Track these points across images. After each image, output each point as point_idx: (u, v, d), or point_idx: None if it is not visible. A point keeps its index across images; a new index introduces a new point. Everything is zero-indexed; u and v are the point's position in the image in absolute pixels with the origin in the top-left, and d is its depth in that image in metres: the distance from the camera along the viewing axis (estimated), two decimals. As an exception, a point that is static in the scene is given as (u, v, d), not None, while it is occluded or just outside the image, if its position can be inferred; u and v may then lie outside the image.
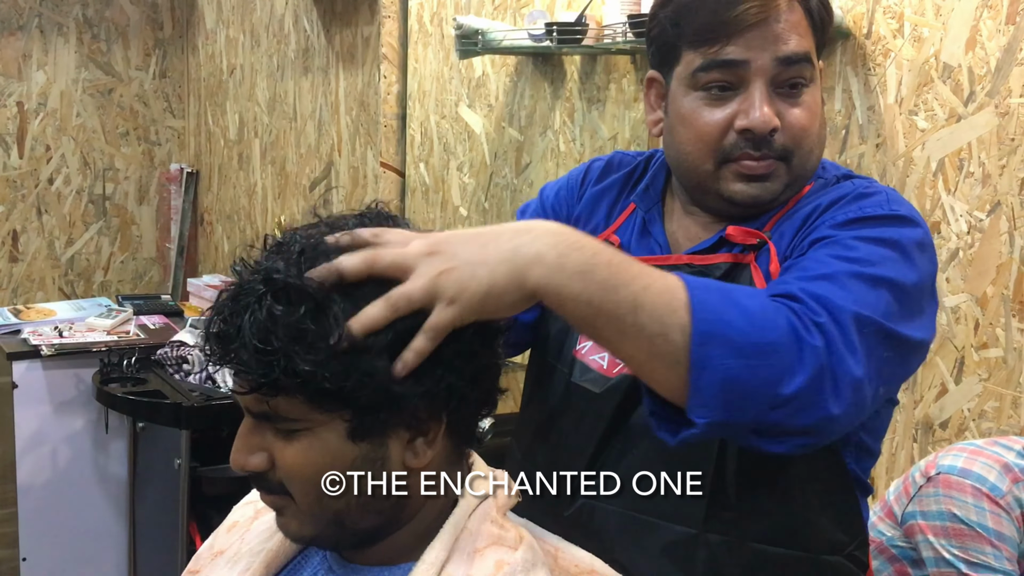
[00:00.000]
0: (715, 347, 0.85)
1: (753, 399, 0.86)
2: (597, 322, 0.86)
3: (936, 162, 1.74)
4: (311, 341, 0.81)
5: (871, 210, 1.03)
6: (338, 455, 0.86)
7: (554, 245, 0.84)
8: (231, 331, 0.83)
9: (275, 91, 3.56)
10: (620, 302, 0.84)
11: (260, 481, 0.90)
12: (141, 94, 4.37)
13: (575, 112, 2.50)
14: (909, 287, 0.98)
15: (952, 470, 1.46)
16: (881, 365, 0.93)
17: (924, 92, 1.76)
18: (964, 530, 1.43)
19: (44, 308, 3.23)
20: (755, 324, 0.86)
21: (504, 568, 0.89)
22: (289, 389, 0.83)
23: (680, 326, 0.85)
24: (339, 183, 3.14)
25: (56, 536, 2.88)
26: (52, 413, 2.85)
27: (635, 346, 0.86)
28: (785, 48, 1.05)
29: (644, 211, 1.20)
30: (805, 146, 1.08)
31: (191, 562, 1.10)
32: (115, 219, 4.37)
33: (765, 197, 1.09)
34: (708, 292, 0.88)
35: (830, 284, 0.94)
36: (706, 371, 0.85)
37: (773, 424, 0.88)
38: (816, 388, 0.87)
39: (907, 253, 1.00)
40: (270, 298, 0.82)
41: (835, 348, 0.89)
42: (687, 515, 1.07)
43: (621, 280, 0.85)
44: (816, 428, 0.89)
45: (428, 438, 0.89)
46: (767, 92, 1.06)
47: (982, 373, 1.70)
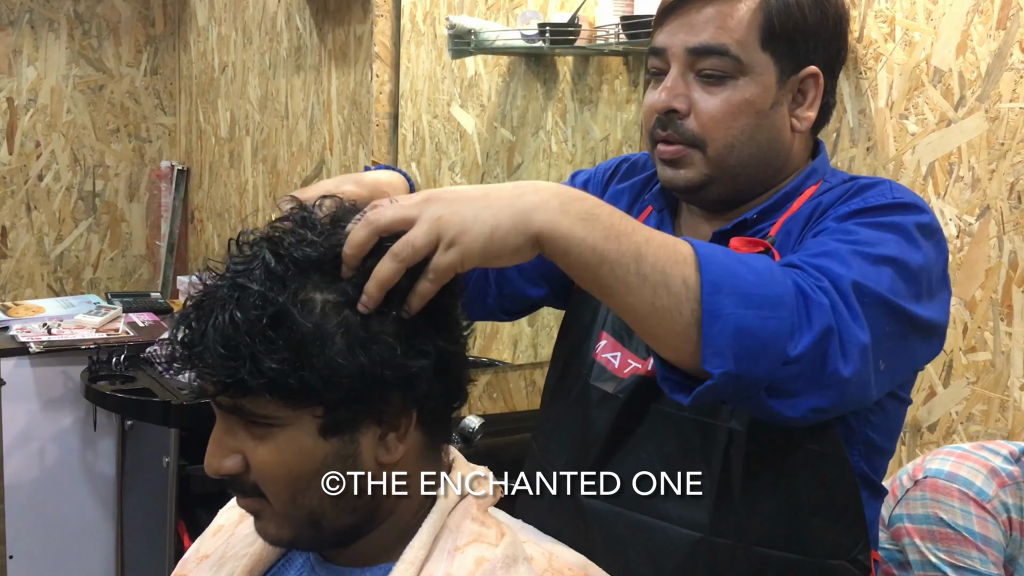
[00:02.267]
0: (725, 296, 0.85)
1: (765, 351, 0.86)
2: (601, 270, 0.86)
3: (926, 166, 1.75)
4: (275, 341, 0.82)
5: (874, 200, 1.04)
6: (309, 453, 0.87)
7: (556, 194, 0.85)
8: (195, 336, 0.84)
9: (267, 89, 3.55)
10: (623, 251, 0.85)
11: (235, 485, 0.90)
12: (132, 91, 4.35)
13: (567, 113, 2.50)
14: (913, 267, 0.98)
15: (939, 474, 1.47)
16: (882, 337, 0.94)
17: (915, 96, 1.76)
18: (950, 534, 1.43)
19: (33, 305, 3.22)
20: (762, 279, 0.87)
21: (484, 565, 0.89)
22: (256, 388, 0.83)
23: (683, 277, 0.86)
24: (330, 182, 3.14)
25: (43, 534, 2.87)
26: (40, 410, 2.84)
27: (638, 296, 0.86)
28: (696, 39, 1.08)
29: (658, 211, 1.22)
30: (719, 137, 1.09)
31: (178, 566, 1.10)
32: (105, 216, 4.35)
33: (679, 183, 1.12)
34: (713, 249, 0.89)
35: (830, 260, 0.95)
36: (719, 320, 0.85)
37: (785, 380, 0.88)
38: (825, 345, 0.88)
39: (911, 236, 1.00)
40: (234, 302, 0.83)
41: (839, 311, 0.90)
42: (692, 519, 1.07)
43: (623, 231, 0.86)
44: (827, 388, 0.89)
45: (399, 432, 0.89)
46: (679, 76, 1.09)
47: (970, 376, 1.71)
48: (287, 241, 0.87)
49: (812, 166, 1.16)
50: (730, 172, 1.11)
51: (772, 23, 1.08)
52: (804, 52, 1.10)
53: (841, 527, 1.09)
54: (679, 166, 1.11)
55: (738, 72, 1.08)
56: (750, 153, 1.10)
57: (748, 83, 1.08)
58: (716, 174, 1.11)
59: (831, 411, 0.93)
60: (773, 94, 1.10)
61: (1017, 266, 1.63)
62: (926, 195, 1.74)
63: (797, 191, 1.14)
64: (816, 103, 1.13)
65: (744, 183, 1.12)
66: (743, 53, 1.08)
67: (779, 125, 1.12)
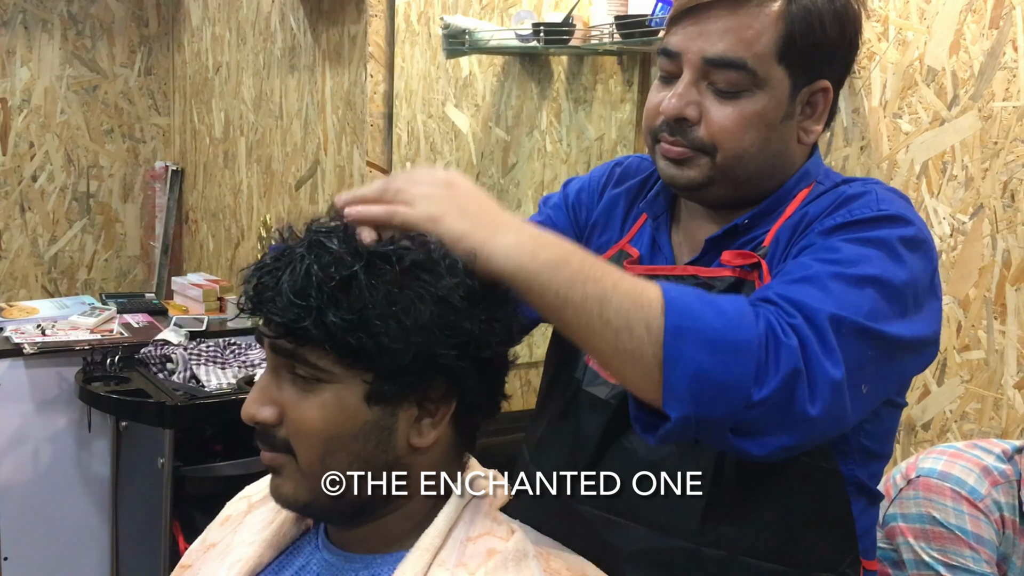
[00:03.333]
0: (687, 342, 0.86)
1: (726, 396, 0.87)
2: (564, 314, 0.89)
3: (920, 165, 1.75)
4: (345, 302, 0.86)
5: (859, 212, 1.02)
6: (351, 415, 0.89)
7: (533, 236, 0.90)
8: (270, 282, 0.89)
9: (261, 89, 3.55)
10: (587, 296, 0.87)
11: (265, 437, 0.93)
12: (126, 91, 4.35)
13: (562, 112, 2.50)
14: (898, 284, 0.97)
15: (932, 473, 1.47)
16: (863, 364, 0.93)
17: (908, 95, 1.76)
18: (943, 533, 1.43)
19: (27, 306, 3.21)
20: (730, 323, 0.87)
21: (496, 556, 0.91)
22: (316, 340, 0.87)
23: (646, 321, 0.87)
24: (325, 182, 3.14)
25: (38, 536, 2.86)
26: (34, 412, 2.83)
27: (601, 339, 0.88)
28: (713, 49, 1.06)
29: (652, 218, 1.21)
30: (729, 148, 1.07)
31: (184, 557, 1.11)
32: (99, 217, 4.34)
33: (681, 181, 1.11)
34: (683, 292, 0.90)
35: (809, 286, 0.94)
36: (678, 364, 0.86)
37: (750, 423, 0.88)
38: (791, 387, 0.87)
39: (894, 251, 0.99)
40: (312, 257, 0.88)
41: (810, 349, 0.89)
42: (682, 528, 1.08)
43: (591, 276, 0.88)
44: (794, 428, 0.89)
45: (435, 419, 0.92)
46: (692, 84, 1.08)
47: (964, 375, 1.71)
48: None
49: (805, 168, 1.15)
50: (733, 180, 1.10)
51: (792, 37, 1.05)
52: (819, 66, 1.08)
53: (830, 540, 1.09)
54: (684, 166, 1.10)
55: (753, 85, 1.06)
56: (757, 164, 1.09)
57: (762, 97, 1.06)
58: (719, 179, 1.10)
59: (801, 447, 0.93)
60: (785, 107, 1.08)
61: (1010, 264, 1.63)
62: (920, 194, 1.75)
63: (790, 195, 1.13)
64: (824, 116, 1.12)
65: (745, 190, 1.12)
66: (760, 67, 1.05)
67: (787, 137, 1.11)
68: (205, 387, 2.55)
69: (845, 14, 1.09)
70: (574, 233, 1.29)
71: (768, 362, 0.87)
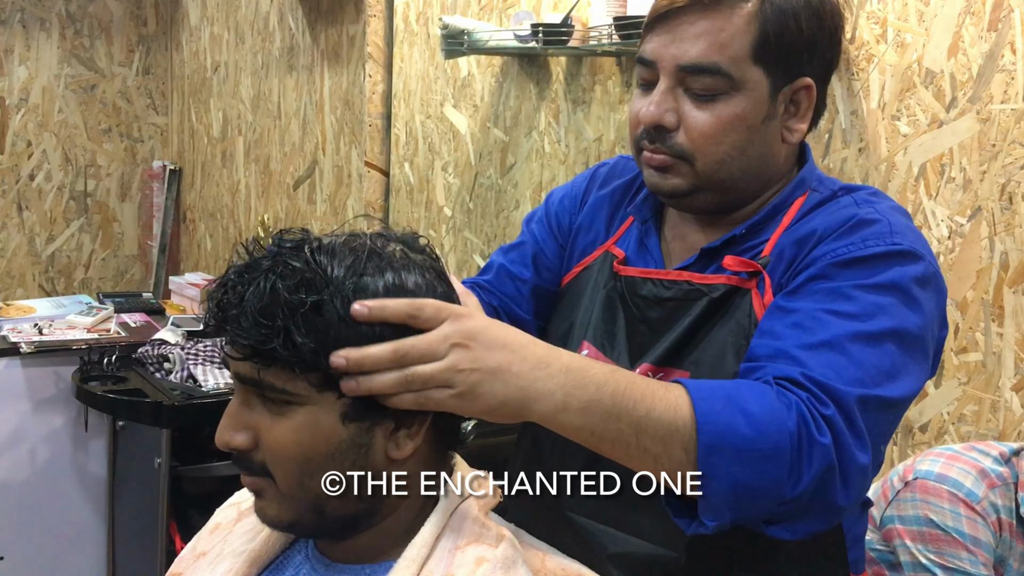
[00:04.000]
0: (721, 457, 0.88)
1: (761, 500, 0.89)
2: (602, 447, 0.91)
3: (918, 167, 1.75)
4: (311, 320, 0.84)
5: (873, 246, 1.01)
6: (325, 436, 0.88)
7: (563, 385, 0.89)
8: (234, 299, 0.86)
9: (259, 89, 3.55)
10: (622, 429, 0.89)
11: (243, 461, 0.91)
12: (124, 90, 4.34)
13: (560, 113, 2.50)
14: (914, 331, 0.99)
15: (929, 475, 1.47)
16: (885, 430, 0.98)
17: (907, 97, 1.76)
18: (940, 535, 1.43)
19: (24, 305, 3.20)
20: (761, 431, 0.88)
21: (484, 564, 0.90)
22: (284, 361, 0.85)
23: (683, 444, 0.89)
24: (323, 182, 3.13)
25: (34, 535, 2.86)
26: (31, 411, 2.83)
27: (641, 463, 0.91)
28: (687, 55, 1.05)
29: (641, 222, 1.20)
30: (709, 153, 1.07)
31: (174, 564, 1.10)
32: (97, 216, 4.34)
33: (666, 188, 1.11)
34: (713, 401, 0.90)
35: (832, 354, 0.95)
36: (714, 480, 0.88)
37: (781, 516, 0.91)
38: (825, 483, 0.90)
39: (910, 294, 0.99)
40: (277, 274, 0.85)
41: (843, 441, 0.91)
42: (671, 539, 1.07)
43: (624, 408, 0.89)
44: (824, 516, 0.92)
45: (411, 431, 0.90)
46: (668, 91, 1.07)
47: (961, 377, 1.71)
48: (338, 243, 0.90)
49: (800, 176, 1.14)
50: (718, 184, 1.10)
51: (767, 37, 1.05)
52: (798, 64, 1.07)
53: (820, 555, 1.09)
54: (667, 173, 1.10)
55: (730, 88, 1.05)
56: (740, 167, 1.09)
57: (740, 99, 1.06)
58: (704, 185, 1.09)
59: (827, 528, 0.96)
60: (765, 108, 1.07)
61: (1008, 267, 1.63)
62: (918, 196, 1.75)
63: (786, 203, 1.12)
64: (808, 114, 1.11)
65: (732, 194, 1.11)
66: (735, 69, 1.05)
67: (770, 138, 1.10)
68: (202, 387, 2.54)
69: (822, 9, 1.08)
70: (557, 244, 1.29)
71: (802, 461, 0.89)
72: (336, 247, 0.89)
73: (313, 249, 0.88)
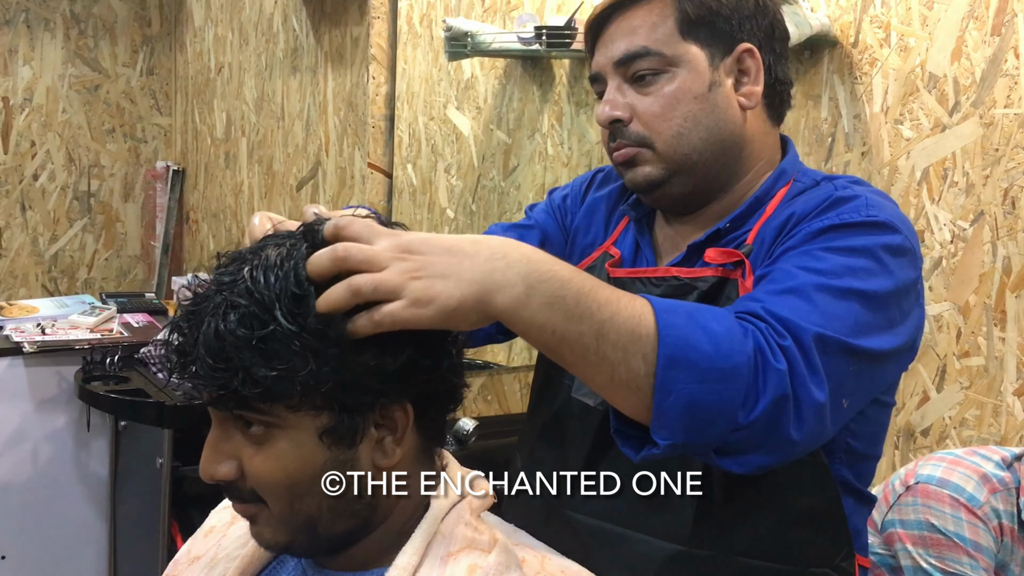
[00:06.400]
0: (679, 371, 0.86)
1: (715, 423, 0.87)
2: (561, 349, 0.87)
3: (920, 171, 1.75)
4: (266, 350, 0.81)
5: (847, 216, 1.03)
6: (308, 458, 0.86)
7: (525, 276, 0.84)
8: (187, 345, 0.84)
9: (263, 90, 3.55)
10: (584, 332, 0.86)
11: (232, 490, 0.90)
12: (128, 91, 4.35)
13: (563, 116, 2.50)
14: (882, 295, 0.98)
15: (931, 480, 1.47)
16: (844, 381, 0.94)
17: (910, 101, 1.76)
18: (941, 540, 1.43)
19: (27, 305, 3.21)
20: (720, 349, 0.87)
21: (477, 572, 0.89)
22: (251, 399, 0.83)
23: (643, 353, 0.86)
24: (326, 184, 3.14)
25: (36, 535, 2.86)
26: (33, 411, 2.83)
27: (597, 372, 0.87)
28: (616, 51, 1.13)
29: (634, 220, 1.22)
30: (664, 130, 1.12)
31: (169, 567, 1.10)
32: (100, 216, 4.34)
33: (640, 180, 1.15)
34: (675, 316, 0.88)
35: (795, 298, 0.94)
36: (670, 395, 0.86)
37: (733, 445, 0.89)
38: (777, 412, 0.88)
39: (880, 260, 0.99)
40: (220, 314, 0.82)
41: (798, 372, 0.89)
42: (673, 532, 1.08)
43: (586, 310, 0.86)
44: (775, 450, 0.90)
45: (396, 436, 0.89)
46: (616, 89, 1.14)
47: (963, 381, 1.71)
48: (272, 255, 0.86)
49: (781, 167, 1.16)
50: (686, 162, 1.12)
51: (686, 14, 1.11)
52: (730, 32, 1.13)
53: (823, 534, 1.09)
54: (635, 165, 1.14)
55: (667, 66, 1.11)
56: (700, 138, 1.12)
57: (679, 73, 1.11)
58: (673, 167, 1.13)
59: (777, 466, 0.94)
60: (708, 76, 1.12)
61: (1011, 271, 1.63)
62: (920, 200, 1.75)
63: (768, 195, 1.14)
64: (759, 77, 1.14)
65: (704, 172, 1.13)
66: (665, 48, 1.11)
67: (723, 105, 1.13)
68: (204, 387, 2.54)
69: None
70: (562, 236, 1.30)
71: (757, 386, 0.87)
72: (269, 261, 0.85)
73: (253, 269, 0.84)
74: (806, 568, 1.08)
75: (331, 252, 0.82)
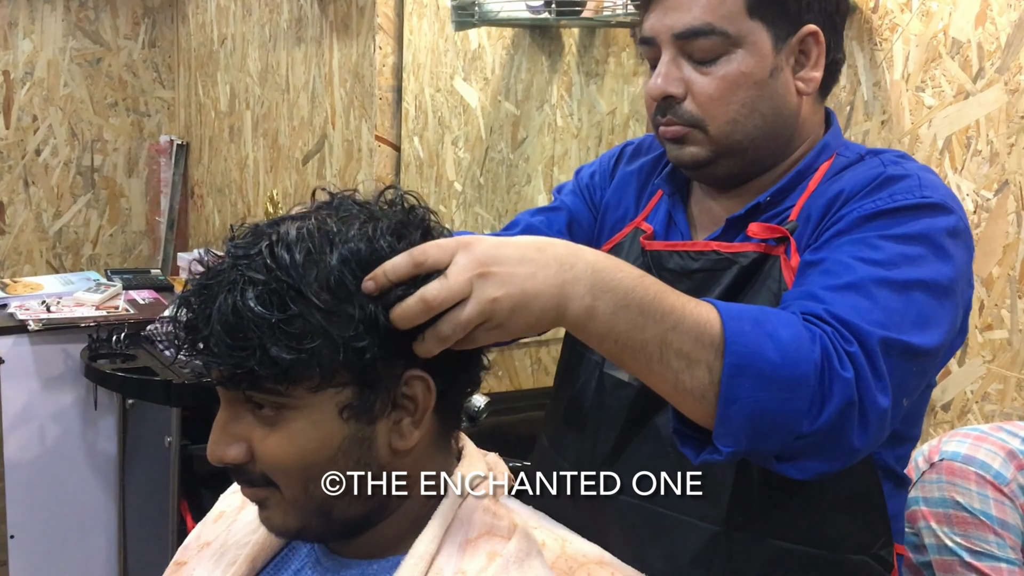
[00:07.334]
0: (745, 380, 0.84)
1: (779, 430, 0.85)
2: (623, 357, 0.86)
3: (943, 140, 1.71)
4: (286, 329, 0.78)
5: (900, 199, 0.99)
6: (326, 438, 0.83)
7: (591, 287, 0.83)
8: (200, 323, 0.80)
9: (267, 62, 3.50)
10: (648, 340, 0.84)
11: (241, 474, 0.87)
12: (130, 64, 4.30)
13: (573, 86, 2.46)
14: (944, 284, 0.96)
15: (956, 456, 1.44)
16: (906, 381, 0.93)
17: (931, 68, 1.72)
18: (967, 518, 1.40)
19: (31, 282, 3.19)
20: (787, 357, 0.85)
21: (497, 560, 0.86)
22: (266, 379, 0.80)
23: (707, 363, 0.85)
24: (333, 157, 3.10)
25: (44, 514, 2.86)
26: (40, 389, 2.82)
27: (661, 380, 0.86)
28: (680, 22, 1.06)
29: (668, 195, 1.19)
30: (719, 115, 1.06)
31: (178, 553, 1.08)
32: (104, 191, 4.31)
33: (686, 159, 1.10)
34: (742, 323, 0.86)
35: (856, 296, 0.92)
36: (735, 403, 0.84)
37: (795, 452, 0.87)
38: (842, 420, 0.86)
39: (939, 246, 0.96)
40: (238, 290, 0.79)
41: (864, 379, 0.87)
42: (709, 512, 1.05)
43: (651, 319, 0.84)
44: (836, 458, 0.89)
45: (415, 418, 0.86)
46: (671, 62, 1.07)
47: (986, 355, 1.68)
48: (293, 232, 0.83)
49: (824, 140, 1.12)
50: (737, 147, 1.08)
51: None
52: (797, 12, 1.07)
53: (862, 522, 1.06)
54: (683, 144, 1.10)
55: (730, 46, 1.05)
56: (755, 125, 1.07)
57: (741, 56, 1.05)
58: (722, 151, 1.08)
59: (836, 471, 0.92)
60: (770, 61, 1.06)
61: (1036, 243, 1.60)
62: (943, 170, 1.71)
63: (811, 168, 1.10)
64: (820, 62, 1.09)
65: (754, 156, 1.10)
66: (730, 26, 1.05)
67: (782, 91, 1.08)
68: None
69: None
70: (591, 215, 1.27)
71: (823, 394, 0.85)
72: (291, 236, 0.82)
73: (273, 245, 0.81)
74: (843, 555, 1.06)
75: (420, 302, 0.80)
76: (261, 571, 0.98)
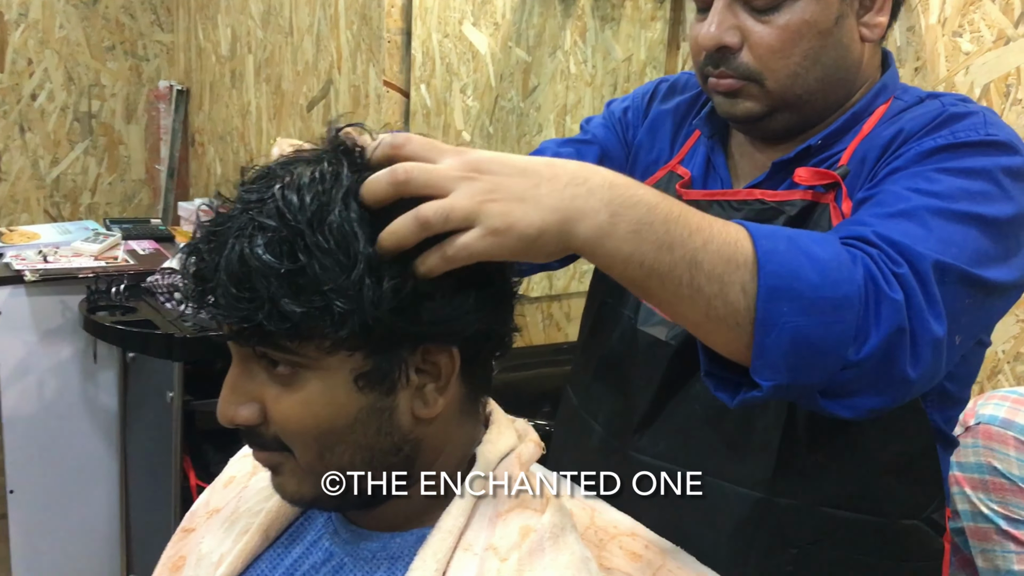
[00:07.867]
0: (784, 303, 0.75)
1: (824, 359, 0.77)
2: (649, 283, 0.76)
3: (980, 88, 1.63)
4: (298, 281, 0.72)
5: (963, 135, 0.91)
6: (343, 405, 0.77)
7: (608, 202, 0.73)
8: (207, 271, 0.74)
9: (270, 3, 3.40)
10: (675, 262, 0.75)
11: (252, 437, 0.80)
12: (127, 5, 4.19)
13: (587, 31, 2.37)
14: (1002, 221, 0.88)
15: (993, 420, 1.38)
16: (960, 314, 0.84)
17: (970, 11, 1.63)
18: (1005, 484, 1.35)
19: (28, 231, 3.11)
20: (828, 277, 0.77)
21: (531, 536, 0.80)
22: (276, 335, 0.73)
23: (741, 283, 0.76)
24: (338, 103, 3.01)
25: (44, 468, 2.82)
26: (38, 342, 2.75)
27: (691, 307, 0.77)
28: None
29: (707, 137, 1.10)
30: (779, 68, 0.98)
31: (186, 518, 1.02)
32: (102, 138, 4.22)
33: (740, 113, 1.02)
34: (775, 241, 0.78)
35: (908, 222, 0.84)
36: (774, 330, 0.75)
37: (842, 385, 0.78)
38: (893, 348, 0.78)
39: (1000, 184, 0.89)
40: (247, 236, 0.73)
41: (915, 303, 0.79)
42: (753, 477, 0.99)
43: (678, 238, 0.75)
44: (889, 389, 0.80)
45: (440, 383, 0.80)
46: (726, 8, 0.99)
47: (1019, 313, 1.62)
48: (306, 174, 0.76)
49: (882, 81, 1.05)
50: (796, 101, 1.01)
51: None
52: None
53: (915, 484, 1.01)
54: (737, 97, 1.01)
55: None
56: (816, 78, 1.00)
57: (805, 2, 0.97)
58: (779, 105, 1.01)
59: (889, 409, 0.84)
60: (836, 7, 0.98)
61: (1079, 197, 1.53)
62: (981, 120, 1.63)
63: (866, 111, 1.03)
64: (887, 5, 1.01)
65: (812, 109, 1.02)
66: None
67: (846, 40, 1.00)
68: (214, 318, 2.46)
69: None
70: (624, 152, 1.19)
71: (870, 317, 0.77)
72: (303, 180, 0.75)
73: (285, 188, 0.74)
74: (896, 520, 1.00)
75: (390, 175, 0.71)
76: (275, 541, 0.92)
